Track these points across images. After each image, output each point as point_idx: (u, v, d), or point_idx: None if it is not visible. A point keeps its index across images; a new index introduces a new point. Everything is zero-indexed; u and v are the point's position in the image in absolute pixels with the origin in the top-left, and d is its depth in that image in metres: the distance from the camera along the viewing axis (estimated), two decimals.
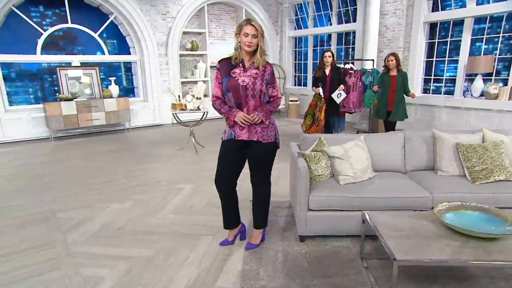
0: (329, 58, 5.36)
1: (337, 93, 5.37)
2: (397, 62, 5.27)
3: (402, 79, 5.28)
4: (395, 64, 5.26)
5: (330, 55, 5.37)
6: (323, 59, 5.40)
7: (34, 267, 2.60)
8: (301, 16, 9.97)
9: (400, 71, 5.32)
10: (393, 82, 5.34)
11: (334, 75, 5.47)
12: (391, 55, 5.27)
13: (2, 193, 4.15)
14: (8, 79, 7.28)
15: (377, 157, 3.21)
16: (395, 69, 5.31)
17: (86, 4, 7.80)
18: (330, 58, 5.37)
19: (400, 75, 5.30)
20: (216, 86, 2.58)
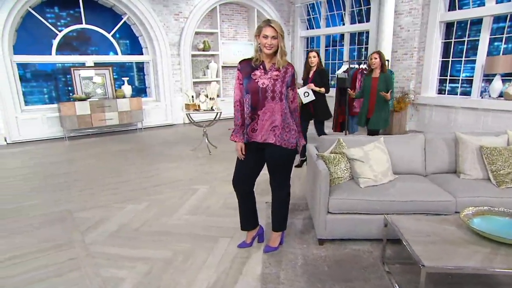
0: (313, 58, 4.74)
1: (303, 92, 4.70)
2: (381, 61, 4.59)
3: (385, 81, 4.58)
4: (378, 64, 4.58)
5: (315, 55, 4.75)
6: (308, 60, 4.82)
7: (53, 267, 2.61)
8: (313, 16, 9.91)
9: (384, 72, 4.63)
10: (373, 85, 4.65)
11: (316, 77, 4.78)
12: (375, 52, 4.65)
13: (19, 193, 4.19)
14: (23, 79, 7.38)
15: (396, 159, 3.15)
16: (378, 70, 4.64)
17: (100, 4, 7.87)
18: (315, 59, 4.74)
19: (383, 77, 4.60)
20: (237, 88, 2.55)
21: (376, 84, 4.60)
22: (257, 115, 2.47)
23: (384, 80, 4.56)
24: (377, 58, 4.56)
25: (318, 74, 4.77)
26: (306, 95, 4.69)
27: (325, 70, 4.92)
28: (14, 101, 6.85)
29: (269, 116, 2.45)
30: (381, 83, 4.55)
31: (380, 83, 4.57)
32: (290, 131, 2.51)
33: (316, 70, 4.78)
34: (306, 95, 4.69)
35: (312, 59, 4.72)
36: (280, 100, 2.46)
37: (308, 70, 4.87)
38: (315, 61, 4.76)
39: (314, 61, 4.74)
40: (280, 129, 2.47)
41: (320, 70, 4.80)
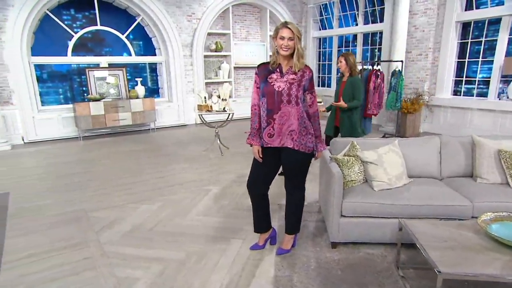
0: None
1: None
2: (348, 65, 4.00)
3: (351, 86, 4.02)
4: (345, 67, 4.02)
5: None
6: None
7: (69, 266, 2.66)
8: (326, 16, 9.86)
9: (352, 76, 4.07)
10: (340, 90, 4.14)
11: None
12: (341, 55, 4.07)
13: (35, 192, 4.28)
14: (40, 80, 7.54)
15: (411, 162, 3.11)
16: (346, 74, 4.09)
17: (115, 6, 7.98)
18: None
19: (349, 82, 4.05)
20: (255, 92, 2.56)
21: (342, 89, 4.10)
22: (273, 119, 2.47)
23: (350, 85, 4.03)
24: (342, 61, 4.03)
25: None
26: None
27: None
28: (31, 102, 7.01)
29: (286, 120, 2.44)
30: (348, 89, 4.03)
31: (346, 88, 4.05)
32: (307, 135, 2.49)
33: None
34: None
35: None
36: (296, 104, 2.44)
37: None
38: None
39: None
40: (298, 133, 2.45)
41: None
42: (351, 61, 3.99)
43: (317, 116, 2.55)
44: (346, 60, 4.00)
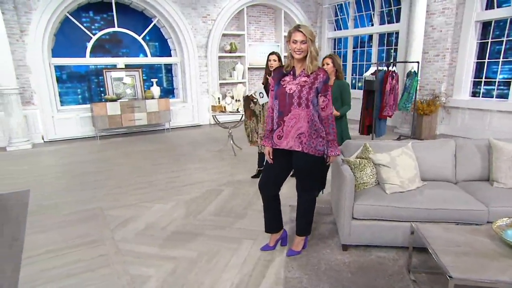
0: (274, 62, 4.13)
1: (258, 92, 4.24)
2: (335, 67, 3.77)
3: (339, 91, 3.80)
4: (332, 69, 3.77)
5: (276, 58, 4.14)
6: (268, 63, 4.19)
7: (85, 262, 2.73)
8: (341, 16, 9.79)
9: (339, 79, 3.84)
10: None
11: None
12: (327, 57, 3.84)
13: (53, 190, 4.41)
14: (60, 80, 7.76)
15: (425, 165, 3.07)
16: (333, 77, 3.81)
17: (132, 8, 8.14)
18: (276, 62, 4.12)
19: (337, 85, 3.80)
20: (270, 95, 2.60)
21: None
22: (283, 121, 2.48)
23: (338, 89, 3.78)
24: (329, 63, 3.77)
25: None
26: (261, 95, 4.26)
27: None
28: (51, 102, 7.23)
29: (295, 123, 2.45)
30: (335, 93, 3.78)
31: (334, 92, 3.77)
32: (318, 138, 2.48)
33: None
34: (261, 95, 4.26)
35: (273, 63, 4.15)
36: (307, 106, 2.43)
37: (268, 74, 4.24)
38: (276, 65, 4.12)
39: (275, 65, 4.14)
40: (307, 136, 2.45)
41: None
42: (338, 63, 3.78)
43: (330, 119, 2.51)
44: (333, 62, 3.76)
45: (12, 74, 6.39)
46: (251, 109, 4.51)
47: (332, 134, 2.52)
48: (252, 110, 4.50)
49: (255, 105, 4.44)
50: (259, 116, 4.44)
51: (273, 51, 4.25)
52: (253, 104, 4.46)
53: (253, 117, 4.53)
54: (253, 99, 4.42)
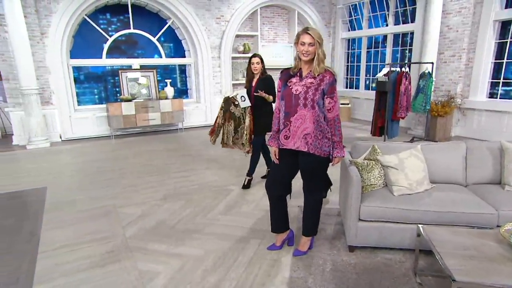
0: (257, 65, 4.08)
1: (240, 96, 4.13)
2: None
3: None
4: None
5: (259, 61, 4.09)
6: (250, 66, 4.14)
7: (96, 258, 2.82)
8: (355, 17, 9.71)
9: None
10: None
11: (260, 85, 4.12)
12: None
13: (69, 187, 4.55)
14: (77, 81, 7.98)
15: (434, 167, 3.04)
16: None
17: (147, 10, 8.30)
18: (259, 65, 4.08)
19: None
20: (278, 97, 2.63)
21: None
22: (289, 121, 2.51)
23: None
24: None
25: (262, 82, 4.15)
26: (243, 99, 4.12)
27: (271, 78, 4.19)
28: (68, 102, 7.44)
29: (301, 123, 2.48)
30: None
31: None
32: (323, 139, 2.50)
33: (260, 78, 4.17)
34: (243, 99, 4.12)
35: (256, 66, 4.10)
36: (312, 107, 2.45)
37: (251, 78, 4.24)
38: (259, 68, 4.12)
39: (258, 67, 4.10)
40: (313, 137, 2.47)
41: (265, 78, 4.17)
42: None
43: (336, 121, 2.52)
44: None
45: (32, 75, 6.61)
46: (230, 112, 4.31)
47: (338, 135, 2.53)
48: (232, 112, 4.29)
49: (236, 107, 4.24)
50: (240, 119, 4.24)
51: (255, 54, 4.18)
52: (233, 106, 4.26)
53: (231, 120, 4.33)
54: (234, 102, 4.23)
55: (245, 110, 4.18)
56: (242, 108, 4.18)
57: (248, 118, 4.18)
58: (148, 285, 2.45)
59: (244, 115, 4.21)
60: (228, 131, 4.38)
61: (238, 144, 4.36)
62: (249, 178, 4.41)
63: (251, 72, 4.17)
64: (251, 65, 4.12)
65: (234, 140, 4.35)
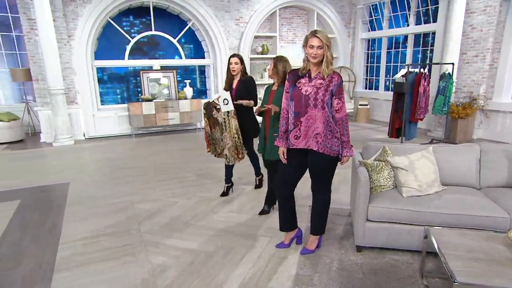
0: (235, 65, 3.78)
1: (223, 98, 3.75)
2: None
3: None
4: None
5: (238, 61, 3.79)
6: (229, 66, 3.84)
7: (113, 250, 2.96)
8: (375, 17, 9.60)
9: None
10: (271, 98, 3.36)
11: (241, 87, 3.84)
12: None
13: (90, 183, 4.76)
14: (101, 81, 8.29)
15: (447, 170, 3.00)
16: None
17: (168, 12, 8.52)
18: (238, 65, 3.79)
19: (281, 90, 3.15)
20: (284, 97, 2.68)
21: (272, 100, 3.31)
22: (299, 121, 2.55)
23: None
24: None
25: (243, 84, 3.87)
26: (225, 102, 3.77)
27: (253, 79, 3.94)
28: (92, 101, 7.75)
29: (311, 123, 2.52)
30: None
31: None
32: (333, 139, 2.54)
33: (241, 80, 3.88)
34: (225, 102, 3.77)
35: (234, 66, 3.79)
36: (322, 108, 2.50)
37: (231, 80, 3.94)
38: (237, 68, 3.82)
39: (236, 68, 3.81)
40: (323, 137, 2.51)
41: (246, 79, 3.89)
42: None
43: (344, 121, 2.57)
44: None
45: (59, 76, 6.92)
46: (214, 117, 3.88)
47: (346, 135, 2.57)
48: (215, 118, 3.87)
49: (218, 112, 3.84)
50: (224, 125, 3.84)
51: (234, 54, 3.89)
52: (215, 111, 3.85)
53: (216, 126, 3.92)
54: (216, 106, 3.84)
55: (228, 114, 3.78)
56: (224, 112, 3.79)
57: (234, 121, 3.79)
58: (159, 278, 2.56)
59: (227, 120, 3.81)
60: (216, 138, 3.97)
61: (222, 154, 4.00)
62: (259, 177, 4.43)
63: (231, 73, 3.87)
64: (230, 65, 3.82)
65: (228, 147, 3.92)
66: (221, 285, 2.46)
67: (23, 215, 3.75)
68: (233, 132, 3.81)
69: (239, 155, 3.92)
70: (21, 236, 3.28)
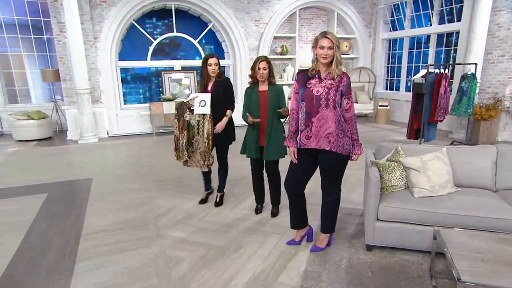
0: (215, 66, 3.51)
1: (200, 99, 3.51)
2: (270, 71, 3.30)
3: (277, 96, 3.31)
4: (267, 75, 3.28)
5: (217, 62, 3.52)
6: (207, 68, 3.51)
7: (131, 242, 3.11)
8: (397, 17, 9.46)
9: (274, 84, 3.36)
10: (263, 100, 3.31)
11: (218, 89, 3.58)
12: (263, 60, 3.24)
13: (111, 179, 4.97)
14: (124, 81, 8.58)
15: (461, 171, 2.97)
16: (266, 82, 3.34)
17: (190, 14, 8.72)
18: (217, 67, 3.52)
19: (274, 90, 3.31)
20: (293, 97, 2.73)
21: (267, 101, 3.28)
22: (311, 122, 2.60)
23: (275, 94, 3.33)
24: (266, 69, 3.24)
25: (220, 85, 3.60)
26: (202, 104, 3.51)
27: (230, 80, 3.77)
28: (116, 101, 8.04)
29: (323, 123, 2.56)
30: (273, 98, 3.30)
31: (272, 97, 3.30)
32: (344, 137, 2.58)
33: (217, 81, 3.60)
34: (202, 104, 3.51)
35: (214, 68, 3.51)
36: (334, 108, 2.54)
37: (206, 81, 3.63)
38: (217, 70, 3.55)
39: (216, 69, 3.54)
40: (335, 136, 2.55)
41: (224, 80, 3.66)
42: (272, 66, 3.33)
43: (354, 120, 2.62)
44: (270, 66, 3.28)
45: (85, 76, 7.23)
46: (184, 120, 3.59)
47: (356, 133, 2.62)
48: (186, 121, 3.58)
49: (192, 114, 3.56)
50: (194, 129, 3.57)
51: (211, 54, 3.55)
52: (189, 113, 3.57)
53: (184, 131, 3.59)
54: (190, 107, 3.57)
55: (203, 117, 3.56)
56: (200, 115, 3.54)
57: (207, 125, 3.54)
58: (173, 269, 2.67)
59: (201, 123, 3.56)
60: (182, 144, 3.65)
61: (194, 159, 3.70)
62: (221, 194, 3.97)
63: (208, 75, 3.56)
64: (209, 67, 3.50)
65: (189, 154, 3.67)
66: (232, 278, 2.54)
67: (49, 207, 3.97)
68: (204, 137, 3.57)
69: (206, 161, 3.68)
70: (48, 226, 3.48)
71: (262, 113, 3.30)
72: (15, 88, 9.07)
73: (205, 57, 3.56)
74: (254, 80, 3.34)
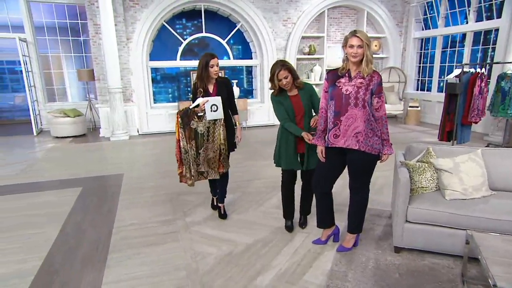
0: (217, 67, 3.18)
1: (211, 104, 3.16)
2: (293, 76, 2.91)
3: (310, 96, 3.00)
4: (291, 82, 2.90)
5: (218, 63, 3.20)
6: (209, 69, 3.14)
7: (159, 236, 3.21)
8: (430, 15, 9.17)
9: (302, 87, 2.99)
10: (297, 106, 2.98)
11: (222, 90, 3.29)
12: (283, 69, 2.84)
13: (141, 175, 5.13)
14: (154, 81, 8.83)
15: (497, 174, 2.86)
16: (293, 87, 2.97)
17: (219, 15, 8.85)
18: (218, 68, 3.21)
19: (305, 92, 2.99)
20: (323, 96, 2.71)
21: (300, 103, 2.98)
22: (339, 120, 2.58)
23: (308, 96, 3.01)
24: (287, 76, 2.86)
25: (222, 85, 3.32)
26: (214, 109, 3.19)
27: (227, 80, 3.48)
28: (146, 99, 8.29)
29: (352, 122, 2.54)
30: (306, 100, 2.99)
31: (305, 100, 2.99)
32: (374, 137, 2.55)
33: (217, 81, 3.29)
34: (214, 109, 3.19)
35: (216, 68, 3.18)
36: (363, 107, 2.51)
37: (205, 83, 3.26)
38: (218, 71, 3.25)
39: (218, 70, 3.23)
40: (364, 135, 2.53)
41: (225, 80, 3.42)
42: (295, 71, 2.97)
43: (384, 120, 2.58)
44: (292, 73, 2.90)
45: (118, 76, 7.51)
46: (191, 128, 3.21)
47: (386, 133, 2.58)
48: (193, 129, 3.22)
49: (200, 121, 3.22)
50: (203, 137, 3.25)
51: (212, 54, 3.18)
52: (197, 120, 3.22)
53: (191, 141, 3.23)
54: (198, 113, 3.22)
55: (214, 123, 3.26)
56: (210, 121, 3.23)
57: (222, 130, 3.27)
58: (200, 263, 2.74)
59: (212, 130, 3.27)
60: (192, 155, 3.26)
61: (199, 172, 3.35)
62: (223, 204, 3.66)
63: (209, 77, 3.22)
64: (211, 69, 3.15)
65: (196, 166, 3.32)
66: (258, 274, 2.57)
67: (84, 201, 4.16)
68: (220, 143, 3.29)
69: (221, 168, 3.39)
70: (82, 219, 3.65)
71: (298, 120, 2.99)
72: (53, 87, 9.55)
73: (205, 58, 3.16)
74: (278, 89, 2.97)
